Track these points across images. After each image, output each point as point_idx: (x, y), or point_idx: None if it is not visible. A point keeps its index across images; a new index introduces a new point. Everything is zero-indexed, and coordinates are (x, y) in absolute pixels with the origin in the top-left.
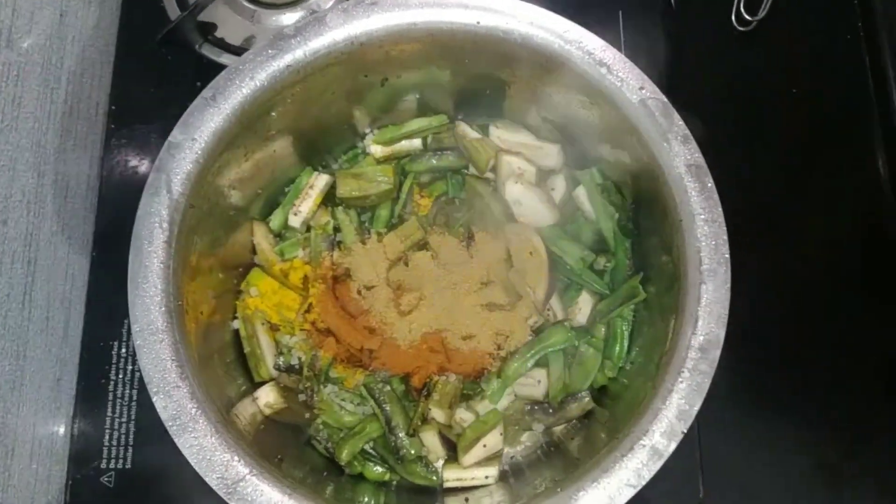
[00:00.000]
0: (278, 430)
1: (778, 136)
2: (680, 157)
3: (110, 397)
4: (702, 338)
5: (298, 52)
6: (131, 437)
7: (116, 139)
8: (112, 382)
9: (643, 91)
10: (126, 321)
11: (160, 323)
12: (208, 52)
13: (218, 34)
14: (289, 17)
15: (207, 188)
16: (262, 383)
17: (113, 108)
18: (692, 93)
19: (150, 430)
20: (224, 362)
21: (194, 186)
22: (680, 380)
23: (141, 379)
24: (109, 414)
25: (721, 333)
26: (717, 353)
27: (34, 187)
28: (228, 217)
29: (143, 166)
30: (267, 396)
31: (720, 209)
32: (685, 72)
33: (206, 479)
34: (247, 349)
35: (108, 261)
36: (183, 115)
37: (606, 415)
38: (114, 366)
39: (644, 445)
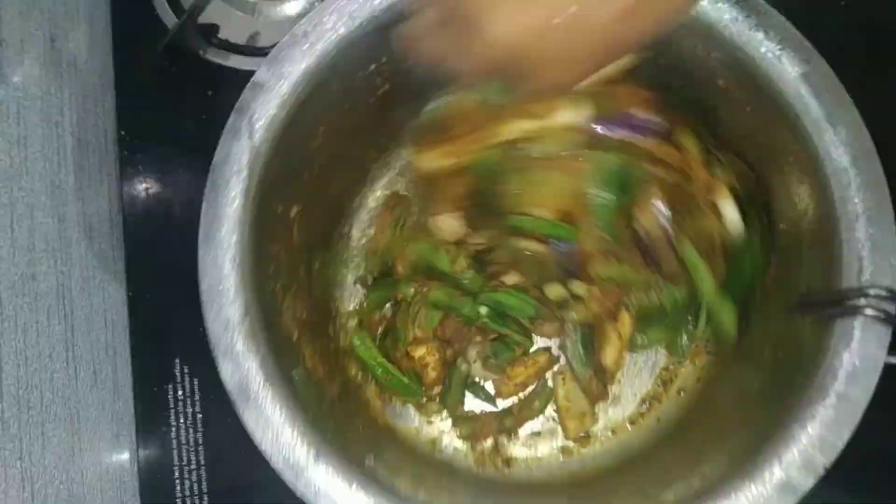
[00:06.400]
0: None
1: None
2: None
3: (174, 445)
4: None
5: None
6: (203, 484)
7: (132, 166)
8: (174, 429)
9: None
10: (177, 361)
11: (232, 280)
12: (214, 56)
13: (221, 35)
14: (292, 7)
15: (293, 136)
16: None
17: (122, 132)
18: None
19: (221, 474)
20: None
21: (278, 133)
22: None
23: (204, 420)
24: (177, 463)
25: None
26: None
27: (57, 233)
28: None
29: (166, 191)
30: None
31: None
32: None
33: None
34: None
35: (145, 298)
36: (271, 52)
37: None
38: (172, 410)
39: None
